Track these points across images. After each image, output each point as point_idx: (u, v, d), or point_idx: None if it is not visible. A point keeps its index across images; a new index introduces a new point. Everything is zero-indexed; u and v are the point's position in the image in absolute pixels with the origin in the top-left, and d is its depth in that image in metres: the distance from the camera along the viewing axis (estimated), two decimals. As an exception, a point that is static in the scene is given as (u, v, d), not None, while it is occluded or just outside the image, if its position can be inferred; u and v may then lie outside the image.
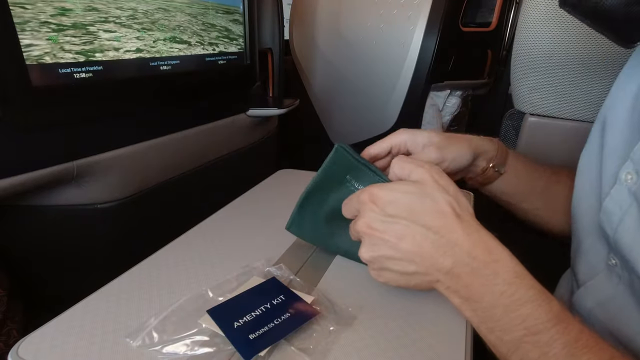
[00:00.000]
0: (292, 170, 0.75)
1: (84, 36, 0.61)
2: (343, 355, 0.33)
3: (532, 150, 0.82)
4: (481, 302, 0.30)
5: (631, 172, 0.35)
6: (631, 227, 0.34)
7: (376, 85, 1.43)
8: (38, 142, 0.58)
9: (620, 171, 0.36)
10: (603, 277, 0.39)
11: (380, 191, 0.34)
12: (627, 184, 0.36)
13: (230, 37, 0.93)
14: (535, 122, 0.79)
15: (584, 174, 0.45)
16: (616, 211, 0.36)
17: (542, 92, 0.77)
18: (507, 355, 0.29)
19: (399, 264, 0.33)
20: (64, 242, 0.74)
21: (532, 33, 0.72)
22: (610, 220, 0.37)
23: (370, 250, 0.34)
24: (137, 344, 0.33)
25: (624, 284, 0.37)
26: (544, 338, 0.27)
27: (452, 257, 0.31)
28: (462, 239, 0.31)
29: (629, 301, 0.36)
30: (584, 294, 0.41)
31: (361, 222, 0.34)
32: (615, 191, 0.37)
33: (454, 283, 0.31)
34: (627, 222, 0.35)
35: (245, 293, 0.38)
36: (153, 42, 0.73)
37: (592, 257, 0.41)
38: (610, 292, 0.38)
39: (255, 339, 0.33)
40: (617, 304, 0.37)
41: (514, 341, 0.28)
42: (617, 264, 0.37)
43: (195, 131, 0.87)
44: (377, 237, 0.33)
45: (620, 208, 0.36)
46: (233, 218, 0.56)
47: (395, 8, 1.31)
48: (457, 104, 1.55)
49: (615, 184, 0.37)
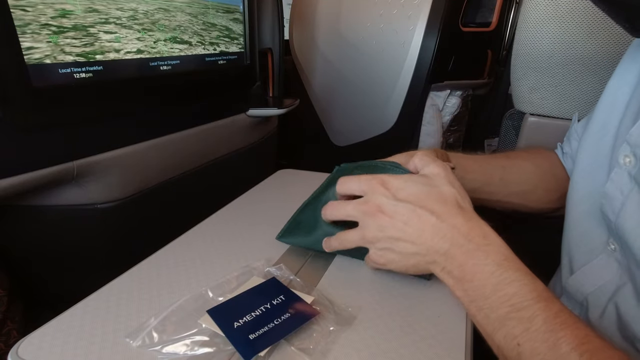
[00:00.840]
0: (292, 170, 0.75)
1: (84, 38, 0.61)
2: (343, 356, 0.33)
3: (532, 150, 0.82)
4: (472, 281, 0.32)
5: (629, 155, 0.36)
6: (634, 212, 0.34)
7: (376, 85, 1.44)
8: (38, 142, 0.58)
9: (618, 154, 0.36)
10: (601, 261, 0.39)
11: (391, 178, 0.37)
12: (626, 167, 0.36)
13: (231, 36, 0.93)
14: (535, 122, 0.79)
15: (588, 155, 0.44)
16: (617, 196, 0.36)
17: (542, 92, 0.77)
18: (493, 334, 0.31)
19: (402, 245, 0.36)
20: (64, 242, 0.74)
21: (532, 33, 0.72)
22: (612, 204, 0.37)
23: (379, 230, 0.36)
24: (137, 344, 0.33)
25: (622, 269, 0.37)
26: (526, 314, 0.29)
27: (450, 239, 0.34)
28: (460, 223, 0.34)
29: (627, 287, 0.36)
30: (581, 278, 0.41)
31: (371, 203, 0.37)
32: (615, 175, 0.37)
33: (449, 264, 0.34)
34: (629, 207, 0.35)
35: (245, 293, 0.38)
36: (154, 43, 0.73)
37: (590, 241, 0.41)
38: (608, 277, 0.38)
39: (255, 339, 0.33)
40: (615, 289, 0.38)
41: (500, 319, 0.30)
42: (617, 249, 0.37)
43: (195, 131, 0.87)
44: (387, 219, 0.36)
45: (622, 193, 0.36)
46: (233, 218, 0.56)
47: (395, 8, 1.31)
48: (457, 104, 1.55)
49: (615, 168, 0.37)
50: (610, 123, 0.41)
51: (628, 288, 0.36)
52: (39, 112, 0.57)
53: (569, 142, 0.52)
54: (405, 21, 1.30)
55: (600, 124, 0.43)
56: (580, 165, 0.45)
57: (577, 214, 0.44)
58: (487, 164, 0.50)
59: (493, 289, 0.31)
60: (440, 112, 1.53)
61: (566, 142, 0.53)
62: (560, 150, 0.54)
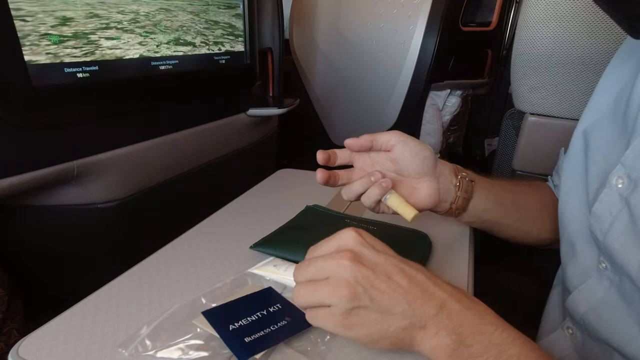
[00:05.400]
0: (292, 170, 0.75)
1: (85, 46, 0.60)
2: (343, 356, 0.33)
3: (532, 150, 0.82)
4: (472, 345, 0.28)
5: (622, 177, 0.35)
6: (622, 232, 0.34)
7: (376, 85, 1.44)
8: (38, 142, 0.59)
9: (611, 175, 0.36)
10: (594, 280, 0.39)
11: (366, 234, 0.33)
12: (617, 188, 0.35)
13: (235, 33, 0.92)
14: (535, 122, 0.79)
15: (569, 178, 0.44)
16: (606, 216, 0.36)
17: (542, 91, 0.76)
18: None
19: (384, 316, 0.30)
20: (64, 242, 0.74)
21: (532, 33, 0.72)
22: (600, 225, 0.36)
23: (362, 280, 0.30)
24: (129, 352, 0.32)
25: (614, 287, 0.37)
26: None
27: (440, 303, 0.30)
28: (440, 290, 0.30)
29: (620, 305, 0.36)
30: (577, 297, 0.41)
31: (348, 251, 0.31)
32: (605, 196, 0.36)
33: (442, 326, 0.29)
34: (617, 227, 0.35)
35: (241, 299, 0.38)
36: (156, 47, 0.72)
37: (583, 261, 0.41)
38: (601, 295, 0.38)
39: (251, 342, 0.32)
40: (608, 308, 0.37)
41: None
42: (608, 267, 0.37)
43: (195, 131, 0.87)
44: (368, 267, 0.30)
45: (610, 213, 0.35)
46: (233, 218, 0.56)
47: (395, 8, 1.31)
48: (457, 104, 1.55)
49: (605, 189, 0.36)
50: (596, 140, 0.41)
51: (621, 306, 0.36)
52: (39, 112, 0.57)
53: (558, 174, 0.51)
54: (405, 21, 1.30)
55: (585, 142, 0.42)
56: (563, 189, 0.45)
57: (568, 233, 0.43)
58: (498, 187, 0.48)
59: (497, 350, 0.28)
60: (440, 111, 1.53)
61: (555, 174, 0.53)
62: (551, 183, 0.54)
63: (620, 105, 0.38)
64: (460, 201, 0.44)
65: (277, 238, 0.48)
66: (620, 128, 0.38)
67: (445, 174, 0.44)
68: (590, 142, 0.41)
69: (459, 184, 0.44)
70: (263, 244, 0.47)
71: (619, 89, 0.40)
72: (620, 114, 0.38)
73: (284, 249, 0.46)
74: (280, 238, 0.48)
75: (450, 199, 0.44)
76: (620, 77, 0.40)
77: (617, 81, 0.40)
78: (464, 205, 0.45)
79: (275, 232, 0.50)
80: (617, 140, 0.38)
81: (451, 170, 0.44)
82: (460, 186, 0.44)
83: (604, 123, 0.40)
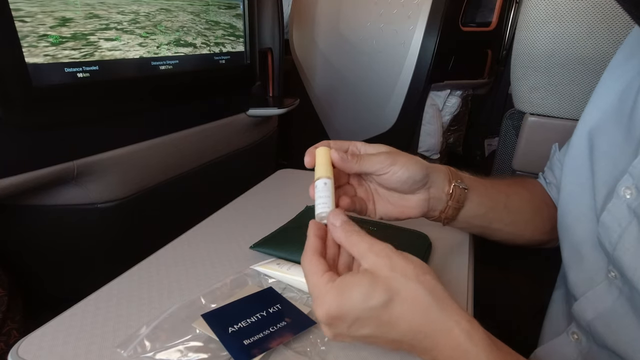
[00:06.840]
0: (292, 170, 0.75)
1: (84, 48, 0.59)
2: (343, 356, 0.33)
3: (532, 150, 0.82)
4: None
5: (630, 188, 0.34)
6: (631, 245, 0.33)
7: (376, 85, 1.44)
8: (38, 142, 0.59)
9: (618, 185, 0.35)
10: (602, 288, 0.38)
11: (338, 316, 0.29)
12: (626, 199, 0.34)
13: (236, 34, 0.92)
14: (535, 122, 0.79)
15: (572, 180, 0.43)
16: (615, 227, 0.35)
17: (542, 91, 0.76)
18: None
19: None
20: (64, 242, 0.74)
21: (532, 33, 0.72)
22: (609, 236, 0.35)
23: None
24: (128, 353, 0.32)
25: (624, 296, 0.36)
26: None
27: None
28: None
29: (629, 315, 0.35)
30: (584, 304, 0.40)
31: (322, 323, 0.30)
32: (613, 206, 0.35)
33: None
34: (627, 239, 0.34)
35: (240, 300, 0.38)
36: (157, 48, 0.72)
37: (590, 267, 0.40)
38: (609, 304, 0.37)
39: (250, 344, 0.32)
40: (617, 317, 0.37)
41: None
42: (617, 276, 0.36)
43: (195, 131, 0.87)
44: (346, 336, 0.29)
45: (619, 225, 0.34)
46: (233, 218, 0.56)
47: (395, 8, 1.31)
48: (457, 104, 1.55)
49: (613, 199, 0.35)
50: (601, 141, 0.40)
51: (630, 316, 0.35)
52: (39, 112, 0.57)
53: (552, 171, 0.50)
54: (405, 21, 1.30)
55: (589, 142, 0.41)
56: (564, 191, 0.44)
57: (571, 238, 0.42)
58: (493, 189, 0.47)
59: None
60: (440, 111, 1.53)
61: (548, 171, 0.52)
62: (543, 180, 0.53)
63: (625, 104, 0.38)
64: (450, 211, 0.42)
65: (277, 238, 0.48)
66: (625, 129, 0.37)
67: (437, 183, 0.41)
68: (595, 143, 0.40)
69: (452, 192, 0.42)
70: (263, 244, 0.47)
71: (623, 86, 0.39)
72: (625, 114, 0.37)
73: (284, 249, 0.46)
74: (280, 238, 0.48)
75: (440, 208, 0.42)
76: (624, 74, 0.39)
77: (621, 78, 0.40)
78: (454, 214, 0.43)
79: (275, 232, 0.50)
80: (623, 143, 0.37)
81: (445, 178, 0.42)
82: (452, 195, 0.42)
83: (608, 123, 0.39)
